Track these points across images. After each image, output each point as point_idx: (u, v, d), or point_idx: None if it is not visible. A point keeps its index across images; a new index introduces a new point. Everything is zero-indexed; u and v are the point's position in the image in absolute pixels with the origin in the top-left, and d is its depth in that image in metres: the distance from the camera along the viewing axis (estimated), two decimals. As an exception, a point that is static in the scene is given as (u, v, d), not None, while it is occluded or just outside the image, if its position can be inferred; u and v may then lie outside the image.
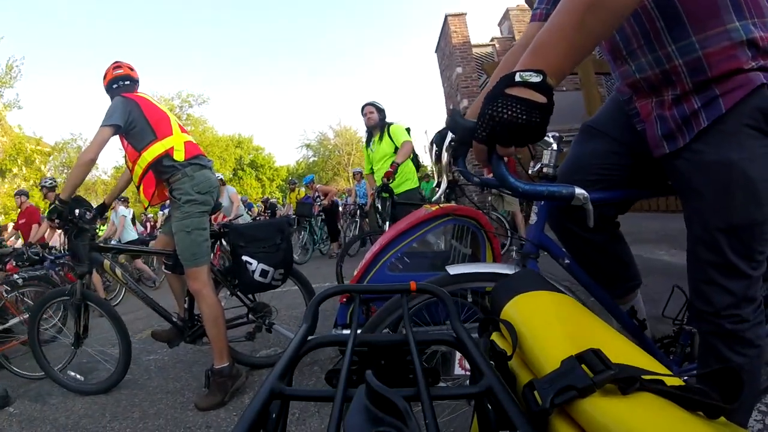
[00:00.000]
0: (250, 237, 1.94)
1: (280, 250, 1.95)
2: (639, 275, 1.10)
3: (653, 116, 0.83)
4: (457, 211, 1.73)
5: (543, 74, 0.59)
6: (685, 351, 1.08)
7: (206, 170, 1.94)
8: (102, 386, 2.07)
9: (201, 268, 1.84)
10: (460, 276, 0.99)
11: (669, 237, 3.88)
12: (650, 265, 3.01)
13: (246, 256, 1.91)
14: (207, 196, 1.90)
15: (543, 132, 0.60)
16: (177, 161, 1.86)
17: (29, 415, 1.94)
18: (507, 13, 10.43)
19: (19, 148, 15.34)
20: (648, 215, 4.83)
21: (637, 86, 0.84)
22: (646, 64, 0.80)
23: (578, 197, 0.78)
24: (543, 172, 0.89)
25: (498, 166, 0.68)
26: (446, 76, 10.66)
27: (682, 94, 0.76)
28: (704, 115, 0.74)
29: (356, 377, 0.42)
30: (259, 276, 1.92)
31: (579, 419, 0.30)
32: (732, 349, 0.79)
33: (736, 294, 0.77)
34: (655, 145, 0.83)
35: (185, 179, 1.86)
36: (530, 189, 0.77)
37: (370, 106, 3.43)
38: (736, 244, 0.75)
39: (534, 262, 0.91)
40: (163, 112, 1.97)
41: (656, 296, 1.15)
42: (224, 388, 1.79)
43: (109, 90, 2.01)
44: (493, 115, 0.59)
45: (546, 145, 0.87)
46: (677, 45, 0.74)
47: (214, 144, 24.72)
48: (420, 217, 1.74)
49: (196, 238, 1.83)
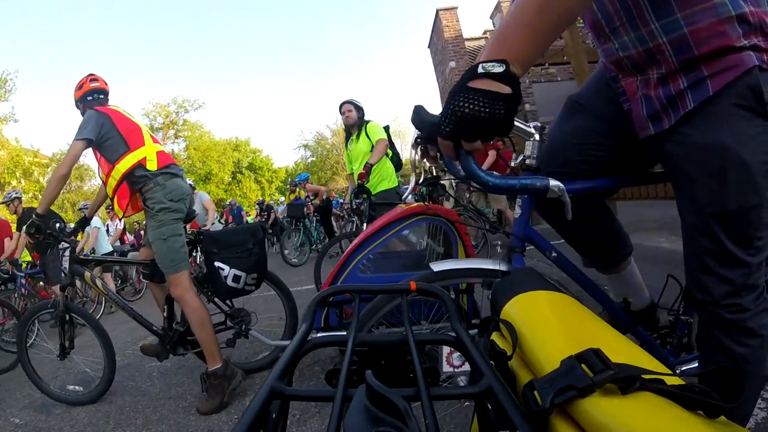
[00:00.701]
0: (224, 243, 1.95)
1: (252, 255, 1.96)
2: (629, 242, 1.07)
3: (639, 95, 0.80)
4: (427, 210, 1.73)
5: (506, 64, 0.57)
6: (682, 341, 1.07)
7: (178, 178, 1.98)
8: (87, 397, 2.08)
9: (180, 273, 1.86)
10: (444, 273, 0.97)
11: (668, 224, 3.84)
12: (651, 254, 2.98)
13: (218, 262, 1.92)
14: (180, 204, 1.93)
15: (509, 124, 0.58)
16: (149, 171, 1.90)
17: (35, 426, 1.95)
18: (499, 5, 10.45)
19: (16, 161, 15.37)
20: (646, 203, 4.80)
21: (621, 64, 0.82)
22: (629, 43, 0.77)
23: (553, 189, 0.76)
24: (526, 164, 0.87)
25: (466, 160, 0.66)
26: (440, 71, 10.66)
27: (667, 72, 0.74)
28: (690, 97, 0.71)
29: (356, 377, 0.42)
30: (232, 281, 1.93)
31: (579, 419, 0.30)
32: (733, 339, 0.77)
33: (735, 282, 0.75)
34: (641, 125, 0.81)
35: (157, 188, 1.89)
36: (501, 182, 0.74)
37: (349, 104, 3.36)
38: (732, 231, 0.72)
39: (520, 256, 0.89)
40: (135, 123, 2.02)
41: (658, 285, 1.14)
42: (221, 389, 1.79)
43: (82, 101, 2.06)
44: (455, 109, 0.58)
45: (528, 135, 0.85)
46: (661, 22, 0.71)
47: (212, 148, 24.76)
48: (390, 217, 1.75)
49: (172, 245, 1.85)
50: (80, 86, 2.06)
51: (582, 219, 0.98)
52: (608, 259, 1.06)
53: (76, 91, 2.06)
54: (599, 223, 1.02)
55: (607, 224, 1.04)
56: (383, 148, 3.18)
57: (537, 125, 0.86)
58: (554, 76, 8.09)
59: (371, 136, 3.27)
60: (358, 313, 0.50)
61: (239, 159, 26.95)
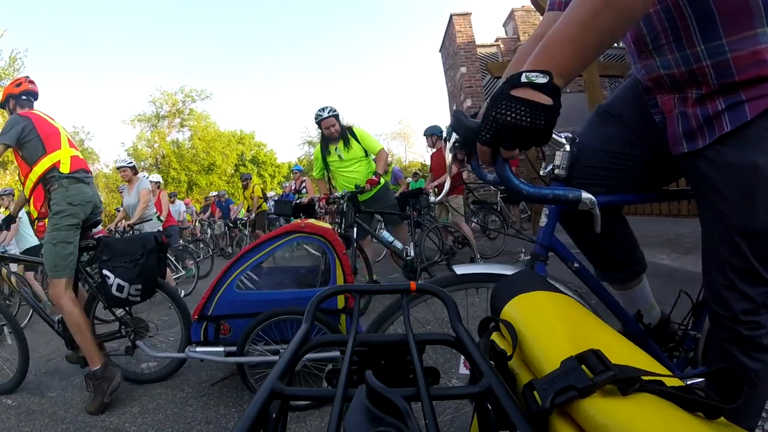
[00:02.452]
0: (115, 251, 1.98)
1: (137, 266, 1.96)
2: (644, 260, 1.08)
3: (675, 113, 0.81)
4: (304, 228, 1.76)
5: (550, 75, 0.58)
6: (689, 356, 1.08)
7: (82, 184, 2.05)
8: None
9: (60, 280, 1.92)
10: (466, 276, 0.97)
11: (671, 241, 3.87)
12: (652, 270, 2.96)
13: (106, 270, 1.95)
14: (77, 208, 1.98)
15: (549, 135, 0.60)
16: (61, 173, 1.99)
17: (27, 408, 1.95)
18: (512, 13, 10.46)
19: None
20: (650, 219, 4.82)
21: (661, 81, 0.83)
22: (672, 62, 0.78)
23: (585, 202, 0.76)
24: (555, 173, 0.87)
25: (503, 168, 0.66)
26: (450, 75, 10.68)
27: (707, 94, 0.75)
28: (728, 119, 0.72)
29: (356, 377, 0.42)
30: (116, 290, 1.94)
31: (579, 419, 0.30)
32: (747, 354, 0.78)
33: (756, 300, 0.76)
34: (675, 142, 0.82)
35: (60, 189, 1.97)
36: (535, 192, 0.75)
37: (331, 119, 3.28)
38: (758, 250, 0.74)
39: (542, 265, 0.89)
40: (55, 127, 2.11)
41: (659, 300, 1.14)
42: (101, 389, 1.83)
43: (16, 98, 2.14)
44: (497, 117, 0.58)
45: (558, 145, 0.85)
46: (707, 45, 0.73)
47: (217, 139, 24.57)
48: (267, 236, 1.79)
49: (60, 251, 1.91)
50: (18, 84, 2.16)
51: (601, 232, 1.00)
52: (621, 273, 1.07)
53: (14, 87, 2.15)
54: (616, 238, 1.04)
55: (624, 239, 1.05)
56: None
57: (568, 136, 0.86)
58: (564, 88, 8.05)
59: (363, 141, 3.33)
60: (357, 313, 0.50)
61: (243, 152, 26.88)
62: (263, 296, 1.77)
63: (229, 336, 1.72)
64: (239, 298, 1.72)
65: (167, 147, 23.09)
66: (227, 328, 1.72)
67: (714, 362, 0.86)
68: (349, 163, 3.36)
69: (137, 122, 23.13)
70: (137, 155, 21.98)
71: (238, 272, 1.71)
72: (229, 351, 1.67)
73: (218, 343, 1.72)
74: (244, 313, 1.68)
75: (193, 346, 1.73)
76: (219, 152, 24.24)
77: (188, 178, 23.03)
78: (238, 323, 1.70)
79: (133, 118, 23.08)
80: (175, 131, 24.12)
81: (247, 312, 1.68)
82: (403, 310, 0.50)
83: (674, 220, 4.42)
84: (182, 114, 24.04)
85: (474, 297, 1.03)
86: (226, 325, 1.72)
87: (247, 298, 1.74)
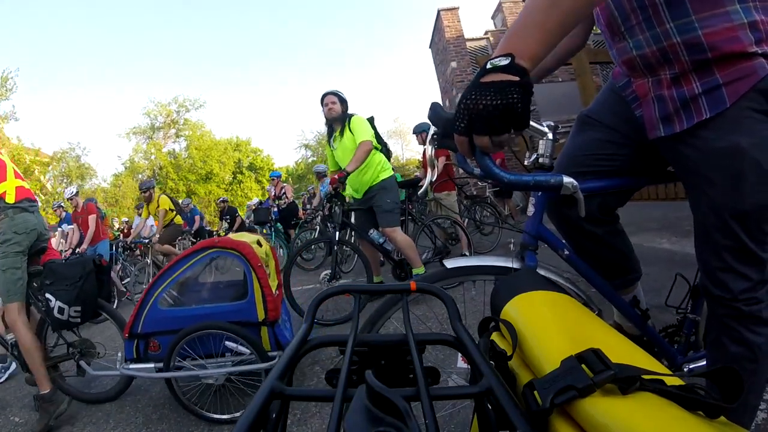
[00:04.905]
0: (58, 275, 2.04)
1: (75, 288, 2.04)
2: (639, 268, 1.09)
3: (650, 96, 0.82)
4: (219, 243, 1.78)
5: (511, 56, 0.59)
6: (690, 340, 1.08)
7: (27, 213, 2.12)
8: None
9: (12, 305, 1.99)
10: (456, 270, 0.97)
11: (670, 225, 3.84)
12: (652, 254, 2.98)
13: (48, 294, 2.01)
14: (23, 236, 2.05)
15: (526, 115, 0.59)
16: (6, 203, 2.05)
17: (34, 425, 1.94)
18: (500, 5, 10.40)
19: (17, 159, 15.38)
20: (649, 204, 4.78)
21: (634, 64, 0.84)
22: (644, 41, 0.79)
23: (567, 186, 0.76)
24: (539, 162, 0.87)
25: (481, 157, 0.66)
26: (441, 71, 10.61)
27: (680, 72, 0.76)
28: (706, 105, 0.73)
29: (356, 377, 0.42)
30: (57, 313, 2.00)
31: (579, 419, 0.30)
32: (749, 329, 0.80)
33: (753, 278, 0.78)
34: (652, 126, 0.82)
35: (6, 219, 2.04)
36: (516, 179, 0.75)
37: (332, 96, 3.04)
38: (749, 229, 0.75)
39: (532, 254, 0.89)
40: (1, 159, 2.18)
41: (659, 285, 1.14)
42: (48, 412, 1.89)
43: None
44: (468, 104, 0.59)
45: (541, 134, 0.86)
46: (676, 23, 0.74)
47: (213, 148, 24.61)
48: (184, 253, 1.81)
49: (9, 277, 1.99)
50: None
51: (596, 239, 1.01)
52: (617, 281, 1.07)
53: None
54: (612, 245, 1.04)
55: (620, 247, 1.06)
56: (365, 153, 2.78)
57: (550, 124, 0.86)
58: (555, 76, 8.06)
59: (355, 132, 2.89)
60: (358, 313, 0.50)
61: (240, 159, 26.95)
62: (185, 312, 1.79)
63: (159, 352, 1.74)
64: (162, 315, 1.75)
65: (164, 158, 23.11)
66: (156, 344, 1.75)
67: (716, 342, 0.86)
68: (341, 154, 3.07)
69: (132, 135, 23.13)
70: (134, 168, 22.04)
71: (160, 290, 1.74)
72: (159, 367, 1.70)
73: (148, 360, 1.75)
74: (169, 329, 1.72)
75: (127, 364, 1.75)
76: (216, 160, 24.25)
77: (186, 188, 23.05)
78: (164, 339, 1.73)
79: (129, 131, 23.08)
80: (171, 142, 24.10)
81: (171, 328, 1.71)
82: (403, 310, 0.50)
83: (673, 203, 4.37)
84: (177, 124, 24.04)
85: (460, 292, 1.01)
86: (155, 342, 1.75)
87: (171, 315, 1.77)
